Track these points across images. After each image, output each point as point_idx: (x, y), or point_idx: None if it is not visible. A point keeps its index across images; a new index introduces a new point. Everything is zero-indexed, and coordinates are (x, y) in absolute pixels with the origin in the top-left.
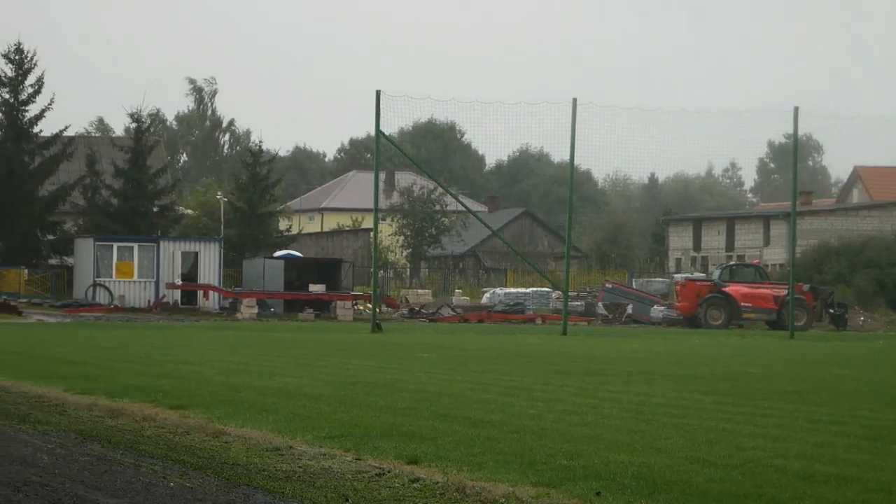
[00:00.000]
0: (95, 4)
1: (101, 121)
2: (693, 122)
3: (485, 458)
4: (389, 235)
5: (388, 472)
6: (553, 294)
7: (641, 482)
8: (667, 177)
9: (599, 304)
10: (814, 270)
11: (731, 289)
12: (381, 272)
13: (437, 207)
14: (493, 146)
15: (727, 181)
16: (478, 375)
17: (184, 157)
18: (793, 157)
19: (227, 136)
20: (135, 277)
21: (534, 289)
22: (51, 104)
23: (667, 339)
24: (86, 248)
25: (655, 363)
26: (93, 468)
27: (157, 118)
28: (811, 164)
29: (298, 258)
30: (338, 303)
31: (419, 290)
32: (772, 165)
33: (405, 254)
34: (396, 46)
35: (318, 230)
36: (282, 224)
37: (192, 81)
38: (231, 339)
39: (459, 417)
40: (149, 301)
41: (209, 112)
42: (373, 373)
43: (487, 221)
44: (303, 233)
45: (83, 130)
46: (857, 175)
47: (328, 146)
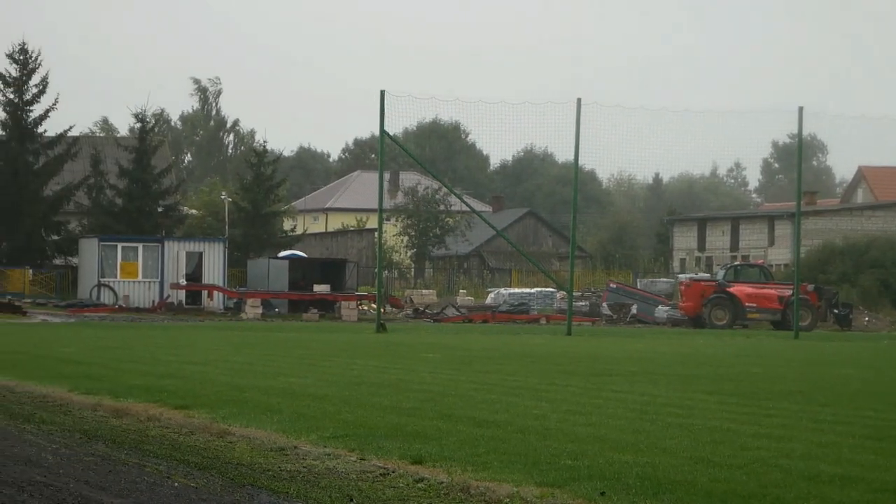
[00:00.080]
0: (101, 5)
1: (106, 121)
2: (697, 122)
3: (489, 458)
4: (394, 235)
5: (393, 472)
6: (557, 294)
7: (646, 482)
8: (671, 177)
9: (604, 305)
10: (818, 270)
11: (736, 289)
12: (386, 272)
13: (442, 207)
14: (498, 146)
15: (732, 181)
16: (482, 375)
17: (188, 157)
18: (797, 157)
19: (232, 137)
20: (139, 277)
21: (538, 289)
22: (55, 104)
23: (671, 340)
24: (90, 248)
25: (660, 363)
26: (97, 468)
27: (162, 118)
28: (816, 164)
29: (303, 258)
30: (342, 303)
31: (423, 291)
32: (776, 165)
33: (410, 254)
34: (401, 46)
35: (323, 230)
36: (286, 224)
37: (197, 81)
38: (235, 340)
39: (464, 417)
40: (153, 301)
41: (214, 112)
42: (377, 373)
43: (492, 221)
44: (307, 233)
45: (88, 130)
46: (862, 175)
47: (333, 146)
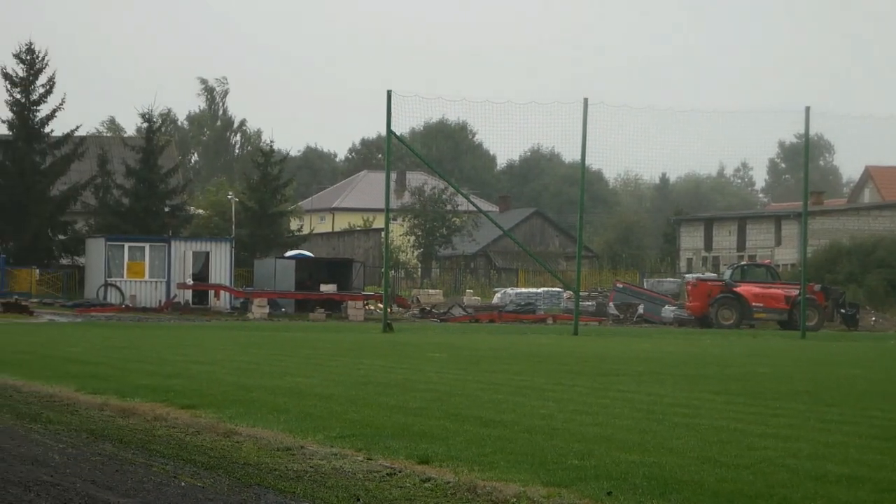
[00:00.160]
0: (108, 5)
1: (113, 121)
2: (704, 123)
3: (496, 458)
4: (401, 235)
5: (400, 472)
6: (564, 294)
7: (653, 482)
8: (678, 177)
9: (610, 304)
10: (825, 270)
11: (743, 289)
12: (393, 272)
13: (449, 207)
14: (505, 146)
15: (738, 181)
16: (489, 375)
17: (195, 157)
18: (804, 157)
19: (239, 136)
20: (146, 277)
21: (545, 289)
22: (62, 104)
23: (678, 339)
24: (97, 248)
25: (666, 363)
26: (104, 468)
27: (169, 118)
28: (822, 164)
29: (310, 258)
30: (349, 303)
31: (430, 290)
32: (783, 165)
33: (416, 254)
34: (408, 47)
35: (330, 230)
36: (293, 224)
37: (204, 81)
38: (242, 339)
39: (471, 417)
40: (160, 301)
41: (220, 112)
42: (384, 373)
43: (499, 221)
44: (314, 233)
45: (94, 130)
46: (869, 175)
47: (339, 146)
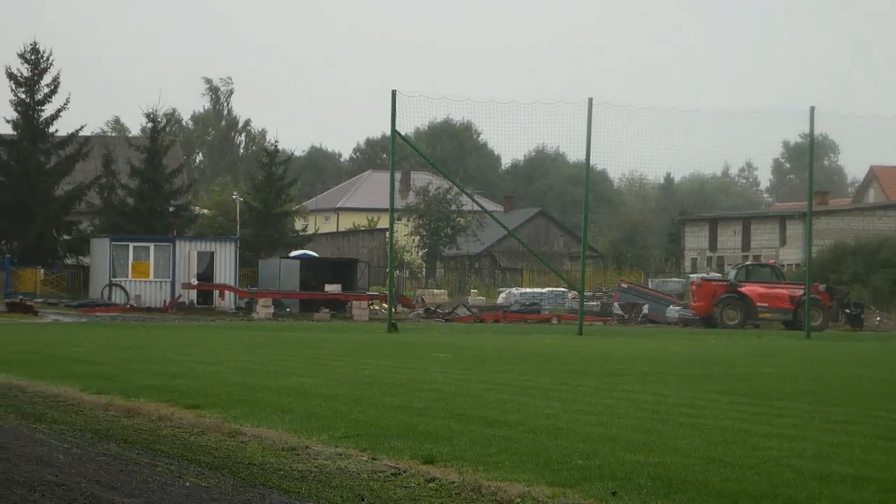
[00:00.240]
0: (112, 5)
1: (118, 120)
2: (708, 122)
3: (501, 458)
4: (405, 235)
5: (404, 472)
6: (569, 294)
7: (657, 482)
8: (683, 177)
9: (615, 304)
10: (830, 270)
11: (747, 289)
12: (397, 272)
13: (453, 207)
14: (509, 146)
15: (743, 181)
16: (494, 375)
17: (200, 157)
18: (809, 157)
19: (243, 136)
20: (151, 277)
21: (550, 289)
22: (66, 104)
23: (683, 339)
24: (102, 248)
25: (671, 363)
26: (109, 468)
27: (173, 118)
28: (827, 164)
29: (314, 258)
30: (353, 303)
31: (435, 290)
32: (787, 165)
33: (421, 254)
34: (411, 47)
35: (334, 230)
36: (297, 224)
37: (209, 81)
38: (247, 339)
39: (475, 417)
40: (165, 301)
41: (225, 112)
42: (389, 373)
43: (503, 221)
44: (318, 233)
45: (99, 130)
46: (874, 175)
47: (344, 146)
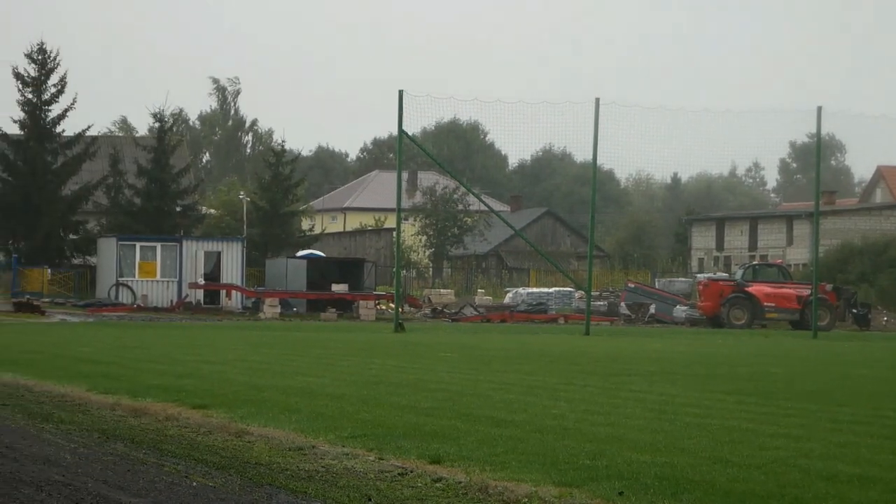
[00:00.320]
0: (119, 4)
1: (125, 120)
2: (715, 122)
3: (507, 458)
4: (412, 235)
5: (411, 472)
6: (576, 294)
7: (664, 482)
8: (689, 176)
9: (622, 304)
10: (837, 270)
11: (754, 289)
12: (404, 272)
13: (460, 207)
14: (516, 146)
15: (750, 181)
16: (500, 375)
17: (206, 157)
18: (815, 157)
19: (250, 136)
20: (158, 277)
21: (556, 288)
22: (73, 104)
23: (690, 339)
24: (109, 248)
25: (678, 363)
26: (116, 467)
27: (180, 118)
28: (834, 164)
29: (321, 258)
30: (360, 302)
31: (442, 290)
32: (794, 165)
33: (428, 253)
34: (418, 46)
35: (341, 230)
36: (304, 224)
37: (216, 81)
38: (254, 339)
39: (482, 417)
40: (171, 301)
41: (232, 112)
42: (395, 372)
43: (510, 221)
44: (325, 232)
45: (106, 130)
46: (881, 175)
47: (351, 146)
